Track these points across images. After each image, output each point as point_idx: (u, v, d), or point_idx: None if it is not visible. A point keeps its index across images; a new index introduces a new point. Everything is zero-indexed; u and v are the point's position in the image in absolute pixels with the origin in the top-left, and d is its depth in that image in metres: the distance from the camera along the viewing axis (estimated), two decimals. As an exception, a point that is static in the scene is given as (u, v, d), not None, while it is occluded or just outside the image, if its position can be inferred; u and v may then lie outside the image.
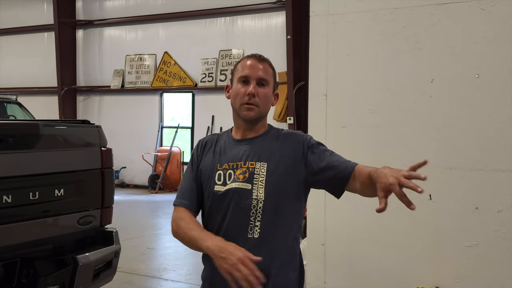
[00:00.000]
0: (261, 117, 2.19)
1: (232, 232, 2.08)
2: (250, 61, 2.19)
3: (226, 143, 2.23)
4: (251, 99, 2.14)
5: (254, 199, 2.09)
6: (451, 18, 3.54)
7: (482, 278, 3.45)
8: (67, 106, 15.07)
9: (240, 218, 2.09)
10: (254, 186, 2.09)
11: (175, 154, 13.44)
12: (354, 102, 3.88)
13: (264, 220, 2.08)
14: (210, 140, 2.29)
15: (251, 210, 2.09)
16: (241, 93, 2.15)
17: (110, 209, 4.15)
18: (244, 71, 2.17)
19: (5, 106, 8.23)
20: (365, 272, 3.87)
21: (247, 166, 2.12)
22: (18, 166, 3.51)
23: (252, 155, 2.15)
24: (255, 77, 2.16)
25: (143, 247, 7.59)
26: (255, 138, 2.20)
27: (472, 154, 3.47)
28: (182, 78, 13.57)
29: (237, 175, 2.12)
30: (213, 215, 2.16)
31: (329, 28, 3.96)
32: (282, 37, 11.72)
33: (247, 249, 1.94)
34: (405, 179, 1.84)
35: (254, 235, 2.08)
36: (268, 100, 2.20)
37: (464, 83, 3.50)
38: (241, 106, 2.16)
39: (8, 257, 3.46)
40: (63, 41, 14.93)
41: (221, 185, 2.13)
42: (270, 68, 2.22)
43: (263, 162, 2.12)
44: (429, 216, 3.59)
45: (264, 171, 2.11)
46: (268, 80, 2.19)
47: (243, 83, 2.17)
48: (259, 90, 2.16)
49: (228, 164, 2.15)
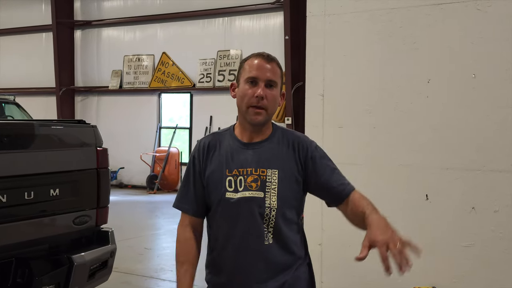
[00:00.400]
0: (268, 120, 2.15)
1: (246, 239, 2.09)
2: (258, 60, 2.12)
3: (232, 146, 2.17)
4: (259, 102, 2.08)
5: (267, 207, 2.08)
6: (447, 18, 3.54)
7: (479, 278, 3.44)
8: (65, 107, 15.06)
9: (254, 225, 2.09)
10: (267, 194, 2.08)
11: (173, 155, 13.43)
12: (351, 102, 3.87)
13: (277, 226, 2.09)
14: (212, 143, 2.20)
15: (264, 218, 2.09)
16: (249, 95, 2.09)
17: (105, 209, 4.14)
18: (252, 71, 2.10)
19: (2, 106, 8.22)
20: (362, 272, 3.86)
21: (258, 173, 2.10)
22: (13, 166, 3.50)
23: (262, 161, 2.11)
24: (263, 78, 2.09)
25: (140, 247, 7.58)
26: (263, 142, 2.16)
27: (469, 154, 3.47)
28: (180, 79, 13.57)
29: (249, 183, 2.09)
30: (222, 221, 2.14)
31: (326, 28, 3.95)
32: (280, 37, 11.72)
33: (262, 255, 2.07)
34: (397, 247, 1.78)
35: (269, 241, 2.10)
36: (276, 101, 2.14)
37: (460, 83, 3.50)
38: (248, 109, 2.10)
39: (3, 257, 3.45)
40: (61, 42, 14.93)
41: (233, 192, 2.10)
42: (278, 67, 2.16)
43: (274, 169, 2.10)
44: (425, 216, 3.59)
45: (275, 178, 2.09)
46: (276, 81, 2.12)
47: (251, 84, 2.10)
48: (268, 92, 2.09)
49: (238, 170, 2.11)
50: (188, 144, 13.79)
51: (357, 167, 3.80)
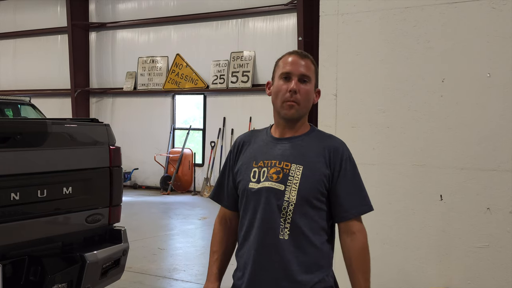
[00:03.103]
0: (302, 115, 2.16)
1: (264, 230, 2.10)
2: (291, 57, 2.15)
3: (264, 141, 2.21)
4: (292, 96, 2.10)
5: (285, 201, 2.08)
6: (462, 17, 3.50)
7: (493, 280, 3.40)
8: (80, 108, 15.18)
9: (271, 217, 2.09)
10: (287, 187, 2.08)
11: (187, 156, 13.46)
12: (364, 102, 3.85)
13: (294, 222, 2.07)
14: (247, 139, 2.27)
15: (281, 212, 2.08)
16: (283, 90, 2.12)
17: (118, 208, 4.14)
18: (286, 67, 2.13)
19: (18, 107, 8.32)
20: (375, 272, 3.81)
21: (282, 166, 2.10)
22: (27, 164, 3.52)
23: (288, 155, 2.12)
24: (297, 73, 2.12)
25: (154, 247, 7.60)
26: (294, 138, 2.17)
27: (484, 154, 3.42)
28: (194, 80, 13.60)
29: (271, 174, 2.11)
30: (247, 211, 2.16)
31: (339, 27, 3.93)
32: (294, 38, 11.71)
33: (278, 249, 2.06)
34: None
35: (285, 237, 2.07)
36: (310, 97, 2.16)
37: (475, 83, 3.46)
38: (283, 104, 2.12)
39: (16, 255, 3.46)
40: (76, 44, 15.06)
41: (255, 182, 2.13)
42: (312, 64, 2.18)
43: (299, 165, 2.10)
44: (440, 216, 3.55)
45: (299, 174, 2.09)
46: (310, 77, 2.15)
47: (285, 79, 2.13)
48: (301, 87, 2.12)
49: (263, 162, 2.14)
50: (201, 145, 13.81)
51: (370, 167, 3.77)
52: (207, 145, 13.55)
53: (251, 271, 2.12)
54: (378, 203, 3.84)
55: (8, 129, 3.50)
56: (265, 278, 2.09)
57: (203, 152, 13.73)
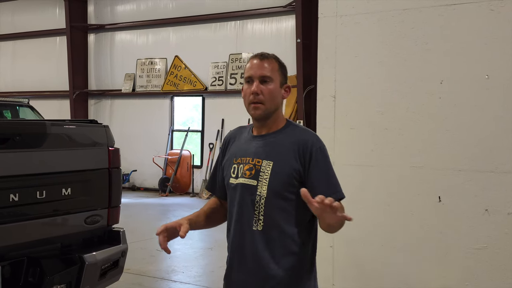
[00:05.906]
0: (269, 113, 2.27)
1: (242, 223, 2.26)
2: (252, 61, 2.29)
3: (245, 138, 2.36)
4: (255, 98, 2.24)
5: (258, 195, 2.23)
6: (460, 19, 3.51)
7: (491, 281, 3.40)
8: (79, 110, 15.17)
9: (247, 211, 2.24)
10: (259, 183, 2.22)
11: (185, 158, 13.46)
12: (362, 103, 3.85)
13: (266, 215, 2.22)
14: (233, 135, 2.43)
15: (255, 205, 2.23)
16: (248, 93, 2.27)
17: (117, 209, 4.15)
18: (247, 71, 2.29)
19: (17, 109, 8.31)
20: (373, 274, 3.84)
21: (254, 162, 2.25)
22: (26, 165, 3.52)
23: (260, 152, 2.25)
24: (256, 75, 2.25)
25: (152, 249, 7.59)
26: (267, 135, 2.29)
27: (482, 155, 3.43)
28: (192, 82, 13.61)
29: (245, 170, 2.26)
30: (230, 204, 2.33)
31: (337, 29, 3.94)
32: (292, 40, 11.72)
33: (252, 239, 2.21)
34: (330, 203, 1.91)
35: (258, 228, 2.22)
36: (275, 95, 2.27)
37: (474, 84, 3.47)
38: (249, 106, 2.27)
39: (15, 256, 3.46)
40: (75, 45, 15.05)
41: (234, 178, 2.29)
42: (275, 62, 2.29)
43: (269, 161, 2.23)
44: (438, 218, 3.56)
45: (269, 169, 2.21)
46: (271, 76, 2.26)
47: (248, 83, 2.28)
48: (262, 88, 2.25)
49: (240, 159, 2.29)
50: (200, 147, 13.82)
51: (369, 168, 3.78)
52: (205, 147, 13.56)
53: (231, 258, 2.32)
54: (377, 204, 3.85)
55: (7, 130, 3.50)
56: (242, 266, 2.26)
57: (201, 154, 13.73)
